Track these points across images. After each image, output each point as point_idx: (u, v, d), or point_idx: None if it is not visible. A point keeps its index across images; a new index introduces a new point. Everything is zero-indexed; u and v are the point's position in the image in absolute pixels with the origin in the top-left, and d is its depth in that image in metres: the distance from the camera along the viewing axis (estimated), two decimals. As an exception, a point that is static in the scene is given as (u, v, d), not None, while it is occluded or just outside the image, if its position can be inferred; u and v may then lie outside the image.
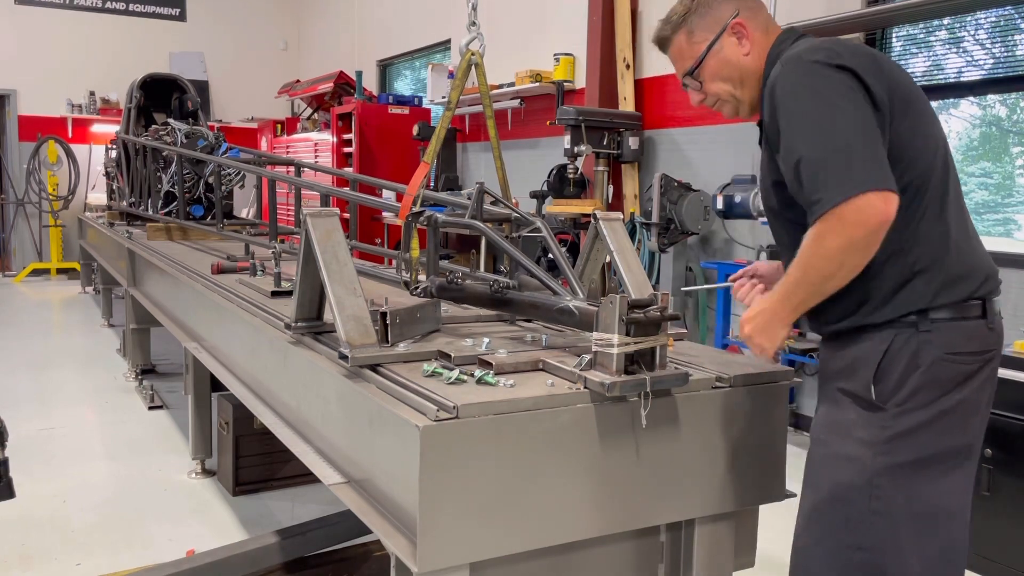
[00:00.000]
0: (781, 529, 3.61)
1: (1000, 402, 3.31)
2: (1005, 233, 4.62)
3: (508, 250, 2.15)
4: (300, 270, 2.06)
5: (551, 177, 6.34)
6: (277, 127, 11.32)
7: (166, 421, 5.03)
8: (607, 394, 1.62)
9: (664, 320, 1.67)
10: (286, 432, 2.27)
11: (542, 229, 2.26)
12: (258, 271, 3.34)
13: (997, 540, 3.34)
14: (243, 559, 2.88)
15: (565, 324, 1.95)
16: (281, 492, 3.96)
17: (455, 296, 2.28)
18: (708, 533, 1.89)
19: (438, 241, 2.32)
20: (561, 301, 1.92)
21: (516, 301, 2.10)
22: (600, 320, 1.67)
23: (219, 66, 12.72)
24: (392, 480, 1.66)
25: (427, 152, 2.69)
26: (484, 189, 2.38)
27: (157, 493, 3.93)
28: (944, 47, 4.72)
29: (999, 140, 4.69)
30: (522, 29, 7.74)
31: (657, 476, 1.76)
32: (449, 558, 1.54)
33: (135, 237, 5.28)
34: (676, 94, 6.17)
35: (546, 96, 7.34)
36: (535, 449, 1.61)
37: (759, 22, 1.83)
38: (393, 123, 8.87)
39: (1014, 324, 4.17)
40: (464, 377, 1.71)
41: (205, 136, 5.42)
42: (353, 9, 11.52)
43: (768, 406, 1.92)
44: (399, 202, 2.90)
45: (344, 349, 1.82)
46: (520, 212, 2.41)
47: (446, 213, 2.49)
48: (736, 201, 5.17)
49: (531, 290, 2.13)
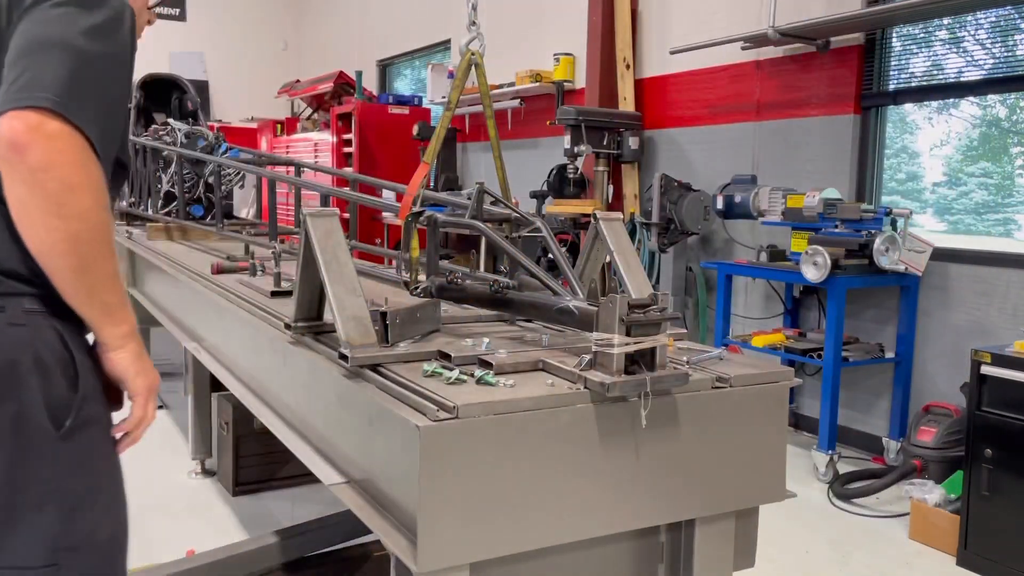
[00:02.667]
0: (781, 529, 3.63)
1: (1000, 402, 3.33)
2: (1005, 233, 4.63)
3: (508, 250, 2.15)
4: (300, 270, 2.06)
5: (551, 177, 6.34)
6: (277, 127, 11.31)
7: (166, 421, 5.03)
8: (607, 394, 1.62)
9: (664, 320, 1.67)
10: (286, 432, 2.27)
11: (542, 229, 2.25)
12: (258, 271, 3.33)
13: (997, 540, 3.34)
14: (243, 559, 2.88)
15: (565, 324, 1.95)
16: (281, 492, 3.96)
17: (455, 296, 2.28)
18: (708, 533, 1.89)
19: (438, 241, 2.32)
20: (561, 301, 1.92)
21: (516, 301, 2.10)
22: (600, 320, 1.67)
23: (219, 66, 12.71)
24: (392, 480, 1.66)
25: (427, 152, 2.69)
26: (484, 189, 2.38)
27: (157, 493, 3.93)
28: (944, 47, 4.72)
29: (999, 140, 4.69)
30: (522, 29, 7.74)
31: (657, 476, 1.76)
32: (449, 558, 1.54)
33: (135, 237, 5.27)
34: (676, 94, 6.18)
35: (546, 96, 7.34)
36: (535, 449, 1.61)
37: None
38: (393, 123, 8.87)
39: (1014, 324, 4.17)
40: (464, 377, 1.71)
41: (205, 136, 5.41)
42: (353, 9, 11.52)
43: (768, 406, 1.92)
44: (399, 202, 2.90)
45: (344, 349, 1.82)
46: (520, 212, 2.41)
47: (446, 213, 2.49)
48: (736, 201, 5.17)
49: (531, 290, 2.13)
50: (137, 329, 1.52)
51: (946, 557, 3.52)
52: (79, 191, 1.31)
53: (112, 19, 1.43)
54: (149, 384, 1.54)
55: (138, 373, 1.51)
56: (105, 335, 1.46)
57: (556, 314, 1.93)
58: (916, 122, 5.08)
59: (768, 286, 5.47)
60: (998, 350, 3.37)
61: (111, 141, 1.43)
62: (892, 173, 5.13)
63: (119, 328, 1.47)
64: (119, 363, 1.48)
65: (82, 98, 1.33)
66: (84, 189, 1.32)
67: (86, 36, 1.36)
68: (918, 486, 3.79)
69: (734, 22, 5.53)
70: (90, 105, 1.34)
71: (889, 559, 3.53)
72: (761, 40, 5.08)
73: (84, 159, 1.32)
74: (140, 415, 1.55)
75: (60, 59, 1.32)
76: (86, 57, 1.35)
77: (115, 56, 1.43)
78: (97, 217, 1.35)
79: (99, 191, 1.35)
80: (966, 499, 3.44)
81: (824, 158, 5.09)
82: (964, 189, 4.85)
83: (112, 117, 1.42)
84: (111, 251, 1.41)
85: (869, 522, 3.91)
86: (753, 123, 5.55)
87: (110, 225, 1.41)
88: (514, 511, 1.60)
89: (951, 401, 4.24)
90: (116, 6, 1.45)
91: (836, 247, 4.37)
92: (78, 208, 1.32)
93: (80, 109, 1.32)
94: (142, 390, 1.52)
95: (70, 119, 1.30)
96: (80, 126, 1.31)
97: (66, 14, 1.37)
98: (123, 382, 1.51)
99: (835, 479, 4.29)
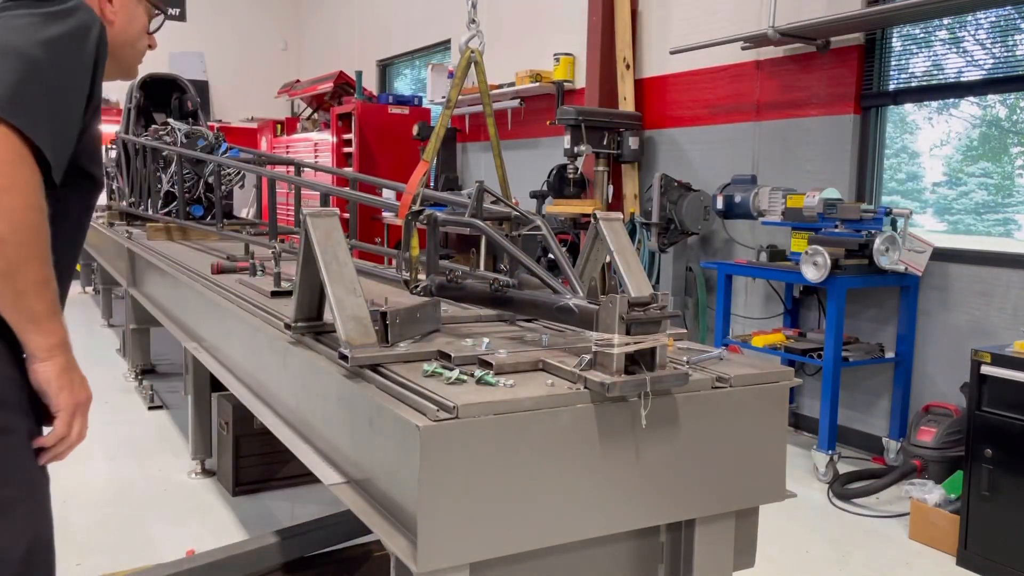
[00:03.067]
0: (781, 529, 3.63)
1: (1000, 402, 3.33)
2: (1005, 233, 4.63)
3: (508, 248, 2.15)
4: (300, 270, 2.06)
5: (551, 177, 6.34)
6: (277, 127, 11.31)
7: (166, 421, 5.04)
8: (607, 394, 1.62)
9: (664, 318, 1.67)
10: (286, 432, 2.27)
11: (542, 227, 2.25)
12: (258, 271, 3.34)
13: (997, 540, 3.34)
14: (243, 559, 2.88)
15: (565, 322, 1.95)
16: (281, 492, 3.96)
17: (455, 295, 2.28)
18: (708, 533, 1.89)
19: (438, 240, 2.32)
20: (561, 299, 1.92)
21: (516, 299, 2.10)
22: (600, 320, 1.67)
23: (219, 66, 12.72)
24: (392, 480, 1.66)
25: (427, 150, 2.68)
26: (484, 188, 2.38)
27: (157, 493, 3.93)
28: (944, 47, 4.72)
29: (999, 140, 4.69)
30: (522, 29, 7.74)
31: (657, 476, 1.76)
32: (449, 558, 1.54)
33: (135, 237, 5.28)
34: (676, 94, 6.18)
35: (546, 96, 7.34)
36: (535, 449, 1.61)
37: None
38: (393, 123, 8.87)
39: (1014, 324, 4.17)
40: (464, 377, 1.71)
41: (205, 136, 5.41)
42: (353, 9, 11.52)
43: (768, 406, 1.92)
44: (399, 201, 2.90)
45: (344, 349, 1.82)
46: (520, 211, 2.41)
47: (446, 212, 2.49)
48: (736, 201, 5.17)
49: (531, 289, 2.13)
50: (68, 342, 1.47)
51: (946, 557, 3.52)
52: (9, 192, 1.31)
53: (76, 31, 1.44)
54: (75, 401, 1.48)
55: (62, 388, 1.45)
56: (30, 345, 1.42)
57: (556, 312, 1.93)
58: (916, 122, 5.08)
59: (768, 286, 5.47)
60: (998, 350, 3.37)
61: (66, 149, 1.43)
62: (892, 173, 5.13)
63: (46, 339, 1.42)
64: (42, 375, 1.44)
65: (28, 104, 1.33)
66: (15, 190, 1.31)
67: (43, 46, 1.37)
68: (918, 486, 3.79)
69: (734, 22, 5.53)
70: (39, 112, 1.35)
71: (889, 559, 3.53)
72: (761, 40, 5.08)
73: (17, 160, 1.32)
74: (61, 432, 1.48)
75: (11, 66, 1.33)
76: (39, 66, 1.36)
77: (73, 69, 1.44)
78: (26, 219, 1.33)
79: (31, 194, 1.34)
80: (966, 499, 3.44)
81: (824, 158, 5.08)
82: (964, 189, 4.85)
83: (68, 125, 1.42)
84: (42, 257, 1.37)
85: (869, 522, 3.91)
86: (753, 123, 5.55)
87: (43, 231, 1.37)
88: (514, 511, 1.60)
89: (951, 401, 4.24)
90: (83, 19, 1.46)
91: (836, 247, 4.37)
92: (4, 208, 1.30)
93: (26, 114, 1.32)
94: (66, 406, 1.47)
95: (9, 121, 1.30)
96: (21, 128, 1.31)
97: (30, 24, 1.39)
98: (45, 396, 1.46)
99: (835, 479, 4.29)
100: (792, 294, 5.29)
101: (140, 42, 1.77)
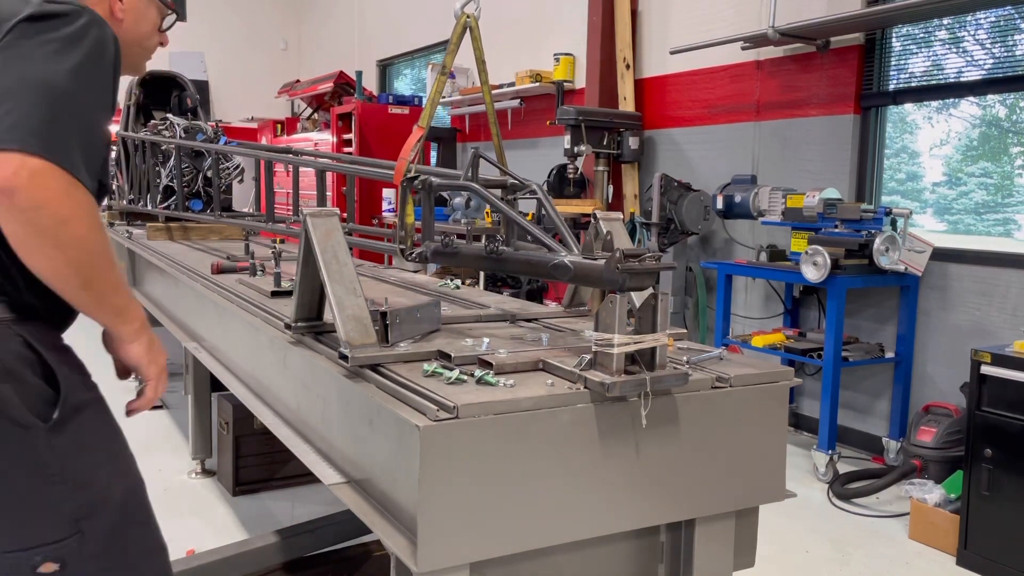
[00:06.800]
0: (781, 529, 3.63)
1: (1000, 402, 3.33)
2: (1005, 233, 4.63)
3: (502, 209, 2.13)
4: (300, 270, 2.06)
5: (551, 177, 6.34)
6: (277, 127, 11.31)
7: (166, 421, 5.03)
8: (607, 394, 1.62)
9: (659, 269, 1.67)
10: (286, 432, 2.27)
11: (537, 192, 2.24)
12: (258, 271, 3.34)
13: (997, 540, 3.34)
14: (243, 559, 2.88)
15: (560, 280, 1.94)
16: (281, 492, 3.96)
17: (450, 258, 2.27)
18: (708, 533, 1.89)
19: (432, 204, 2.31)
20: (556, 257, 1.91)
21: (510, 259, 2.08)
22: (600, 320, 1.67)
23: (219, 66, 12.71)
24: (392, 480, 1.66)
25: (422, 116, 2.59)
26: (479, 154, 2.36)
27: (157, 493, 3.90)
28: (944, 47, 4.72)
29: (998, 140, 4.69)
30: (522, 29, 7.74)
31: (657, 476, 1.76)
32: (449, 558, 1.54)
33: (135, 237, 5.27)
34: (676, 94, 6.18)
35: (546, 96, 7.34)
36: (535, 449, 1.61)
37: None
38: (393, 123, 8.86)
39: (1014, 324, 4.17)
40: (464, 377, 1.71)
41: (204, 130, 5.41)
42: (353, 9, 11.52)
43: (768, 406, 1.92)
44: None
45: (344, 349, 1.82)
46: (515, 176, 2.39)
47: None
48: (736, 201, 5.17)
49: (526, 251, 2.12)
50: (146, 319, 1.66)
51: (946, 557, 3.52)
52: (71, 222, 1.39)
53: (95, 51, 1.49)
54: (160, 369, 1.71)
55: (151, 362, 1.68)
56: (120, 333, 1.62)
57: (551, 270, 1.92)
58: (916, 122, 5.08)
59: (768, 286, 5.47)
60: (998, 350, 3.37)
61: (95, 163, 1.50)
62: (892, 173, 5.13)
63: (131, 325, 1.61)
64: (134, 355, 1.65)
65: (65, 134, 1.40)
66: (75, 219, 1.40)
67: (70, 75, 1.43)
68: (918, 486, 3.79)
69: (734, 22, 5.53)
70: (73, 140, 1.41)
71: (889, 559, 3.53)
72: (761, 40, 5.08)
73: (70, 190, 1.39)
74: (152, 396, 1.73)
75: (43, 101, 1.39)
76: (69, 97, 1.42)
77: (99, 91, 1.50)
78: (92, 240, 1.43)
79: (90, 217, 1.43)
80: (966, 499, 3.44)
81: (824, 158, 5.09)
82: (964, 189, 4.85)
83: (95, 143, 1.49)
84: (110, 263, 1.50)
85: (869, 522, 3.91)
86: (753, 123, 5.56)
87: (106, 242, 1.49)
88: (514, 511, 1.60)
89: (951, 401, 4.24)
90: (98, 35, 1.50)
91: (836, 247, 4.37)
92: (72, 237, 1.40)
93: (64, 146, 1.39)
94: (154, 375, 1.70)
95: (52, 157, 1.36)
96: (63, 162, 1.38)
97: (53, 52, 1.43)
98: (138, 369, 1.68)
99: (835, 479, 4.29)
100: (792, 294, 5.30)
101: (149, 40, 1.82)
